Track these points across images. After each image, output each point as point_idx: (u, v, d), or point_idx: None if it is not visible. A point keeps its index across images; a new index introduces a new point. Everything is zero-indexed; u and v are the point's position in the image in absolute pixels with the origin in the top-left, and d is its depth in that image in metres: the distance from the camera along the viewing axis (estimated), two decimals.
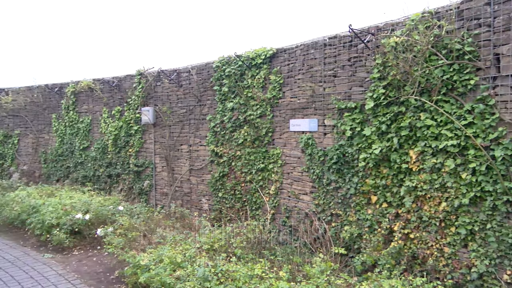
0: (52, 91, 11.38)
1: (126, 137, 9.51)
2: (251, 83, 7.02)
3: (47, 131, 11.58)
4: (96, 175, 10.15)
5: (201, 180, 8.11)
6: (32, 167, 11.88)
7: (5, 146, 12.36)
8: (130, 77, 9.54)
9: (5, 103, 11.96)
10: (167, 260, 4.57)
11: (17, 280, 5.33)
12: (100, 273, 5.65)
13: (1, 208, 8.11)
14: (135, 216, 7.00)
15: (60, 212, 6.96)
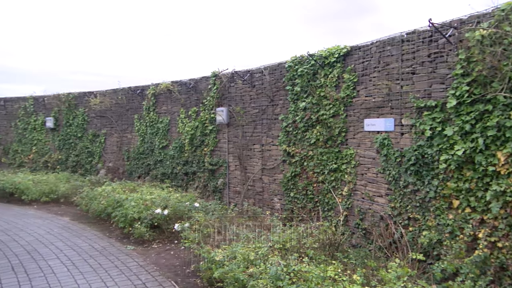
0: (134, 93, 12.13)
1: (201, 137, 9.87)
2: (324, 82, 6.94)
3: (130, 130, 12.37)
4: (174, 173, 10.64)
5: (273, 180, 8.17)
6: (116, 164, 12.76)
7: (94, 145, 13.40)
8: (206, 78, 9.88)
9: (94, 104, 12.97)
10: (240, 257, 4.67)
11: (104, 268, 5.76)
12: (177, 266, 5.92)
13: (90, 201, 8.82)
14: (209, 213, 7.23)
15: (141, 207, 7.40)
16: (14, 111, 15.29)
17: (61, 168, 13.93)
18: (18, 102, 15.25)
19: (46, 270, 5.67)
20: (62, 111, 14.13)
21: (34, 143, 14.78)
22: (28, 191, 10.54)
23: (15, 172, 13.05)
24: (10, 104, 15.44)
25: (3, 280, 5.31)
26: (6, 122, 15.47)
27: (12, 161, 15.17)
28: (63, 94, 14.11)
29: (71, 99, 13.92)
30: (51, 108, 14.40)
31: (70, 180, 11.76)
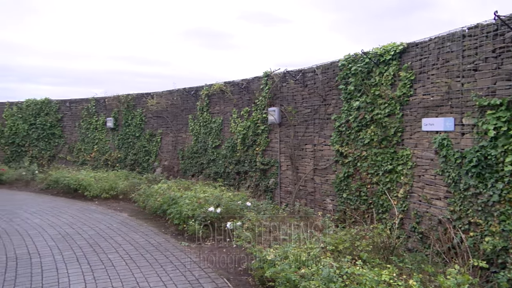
0: (189, 94, 12.46)
1: (253, 136, 9.95)
2: (378, 80, 6.75)
3: (184, 130, 12.72)
4: (226, 172, 10.82)
5: (325, 180, 8.07)
6: (171, 162, 13.17)
7: (150, 144, 13.93)
8: (258, 79, 9.95)
9: (151, 105, 13.48)
10: (292, 257, 4.66)
11: (159, 263, 5.97)
12: (229, 263, 6.00)
13: (147, 198, 9.17)
14: (261, 212, 7.27)
15: (195, 205, 7.59)
16: (78, 112, 16.23)
17: (120, 166, 14.61)
18: (82, 104, 16.18)
19: (107, 263, 5.97)
20: (121, 112, 14.81)
21: (95, 142, 15.62)
22: (90, 188, 11.15)
23: (79, 170, 13.86)
24: (75, 105, 16.42)
25: (70, 270, 5.65)
26: (71, 122, 16.46)
27: (76, 159, 16.13)
28: (123, 96, 14.78)
29: (129, 100, 14.56)
30: (111, 109, 15.14)
31: (129, 177, 12.30)
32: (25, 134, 16.80)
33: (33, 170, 14.99)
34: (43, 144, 16.70)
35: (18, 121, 16.88)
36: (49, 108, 16.70)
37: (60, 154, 16.62)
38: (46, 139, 16.70)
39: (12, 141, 16.97)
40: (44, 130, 16.67)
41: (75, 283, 5.21)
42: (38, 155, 16.73)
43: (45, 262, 6.01)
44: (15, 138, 16.90)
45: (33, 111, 16.79)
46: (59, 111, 16.68)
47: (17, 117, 16.90)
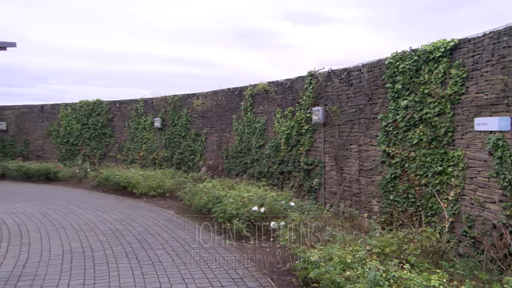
0: (233, 94, 12.60)
1: (297, 136, 9.91)
2: (428, 78, 6.52)
3: (229, 130, 12.87)
4: (270, 172, 10.84)
5: (371, 181, 7.89)
6: (216, 162, 13.37)
7: (196, 143, 14.22)
8: (302, 78, 9.89)
9: (196, 105, 13.76)
10: (336, 259, 4.59)
11: (205, 261, 6.08)
12: (273, 263, 6.01)
13: (193, 197, 9.37)
14: (305, 212, 7.23)
15: (239, 204, 7.66)
16: (127, 112, 16.85)
17: (167, 165, 15.02)
18: (131, 104, 16.78)
19: (154, 259, 6.16)
20: (168, 112, 15.22)
21: (144, 141, 16.15)
22: (138, 185, 11.53)
23: (128, 168, 14.38)
24: (124, 106, 17.05)
25: (119, 264, 5.88)
26: (121, 123, 17.12)
27: (125, 157, 16.75)
28: (169, 96, 15.18)
29: (176, 101, 14.93)
30: (158, 109, 15.59)
31: (175, 176, 12.61)
32: (78, 133, 17.66)
33: (86, 168, 15.73)
34: (94, 143, 17.48)
35: (72, 121, 17.78)
36: (100, 108, 17.45)
37: (111, 153, 17.32)
38: (97, 138, 17.46)
39: (66, 140, 17.90)
40: (95, 130, 17.45)
41: (125, 277, 5.41)
42: (90, 153, 17.53)
43: (97, 256, 6.28)
44: (70, 137, 17.81)
45: (86, 112, 17.61)
46: (109, 111, 17.38)
47: (71, 118, 17.80)
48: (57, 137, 18.06)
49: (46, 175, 15.44)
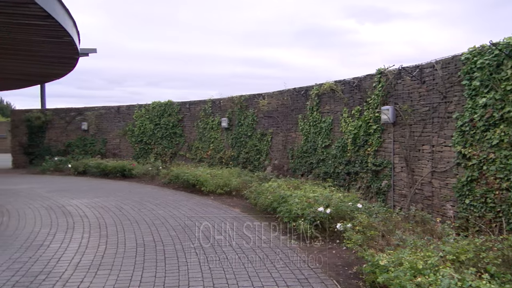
0: (298, 94, 12.55)
1: (365, 136, 9.64)
2: (511, 74, 6.03)
3: (294, 130, 12.84)
4: (336, 172, 10.65)
5: (445, 184, 7.46)
6: (281, 162, 13.40)
7: (261, 143, 14.36)
8: (370, 76, 9.61)
9: (262, 106, 13.89)
10: (407, 264, 4.40)
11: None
12: (339, 266, 5.90)
13: (258, 196, 9.47)
14: (373, 215, 7.01)
15: (305, 204, 7.61)
16: (196, 112, 17.44)
17: (233, 164, 15.32)
18: (199, 105, 17.35)
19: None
20: (235, 112, 15.53)
21: (211, 141, 16.62)
22: (206, 184, 11.89)
23: (196, 166, 14.88)
24: (193, 106, 17.67)
25: (188, 259, 6.10)
26: (190, 123, 17.76)
27: (194, 156, 17.35)
28: (236, 97, 15.48)
29: (242, 101, 15.19)
30: (225, 110, 15.96)
31: (241, 175, 12.83)
32: (151, 133, 18.60)
33: (158, 166, 16.53)
34: (166, 142, 18.31)
35: (145, 122, 18.77)
36: (171, 109, 18.24)
37: (181, 152, 18.04)
38: (168, 138, 18.27)
39: (140, 140, 18.94)
40: (167, 129, 18.27)
41: (193, 271, 5.61)
42: (161, 152, 18.39)
43: (167, 250, 6.57)
44: (143, 136, 18.83)
45: (158, 112, 18.50)
46: (180, 112, 18.11)
47: (144, 118, 18.80)
48: (132, 136, 19.17)
49: (121, 172, 16.45)
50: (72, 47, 8.25)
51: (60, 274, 5.55)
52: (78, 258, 6.24)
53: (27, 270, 5.72)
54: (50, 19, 6.17)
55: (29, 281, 5.31)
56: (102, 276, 5.44)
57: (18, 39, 7.61)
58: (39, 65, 10.66)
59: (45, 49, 8.63)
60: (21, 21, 6.41)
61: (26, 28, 6.90)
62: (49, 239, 7.37)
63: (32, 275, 5.50)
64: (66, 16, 6.88)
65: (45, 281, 5.29)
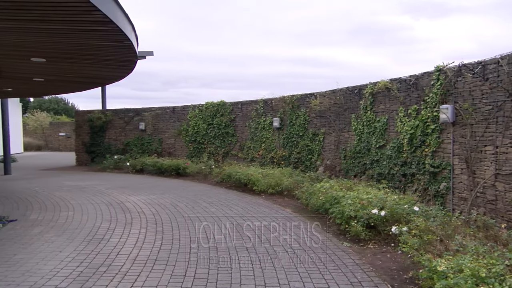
0: (352, 93, 12.30)
1: (422, 136, 9.27)
2: None
3: (347, 130, 12.60)
4: (391, 174, 10.33)
5: (510, 188, 7.01)
6: (333, 162, 13.21)
7: (313, 143, 14.23)
8: (428, 74, 9.22)
9: (314, 105, 13.76)
10: (468, 271, 4.18)
11: (322, 261, 6.05)
12: (394, 270, 5.72)
13: (310, 196, 9.40)
14: (430, 218, 6.72)
15: (358, 206, 7.45)
16: (248, 112, 17.60)
17: (285, 164, 15.31)
18: (251, 105, 17.49)
19: (272, 255, 6.33)
20: (286, 112, 15.51)
21: (263, 140, 16.70)
22: (258, 183, 11.96)
23: (248, 166, 15.02)
24: (245, 106, 17.85)
25: (240, 257, 6.18)
26: (242, 122, 17.95)
27: (245, 156, 17.53)
28: (288, 97, 15.46)
29: (294, 101, 15.13)
30: (277, 110, 15.98)
31: (292, 175, 12.79)
32: (204, 133, 19.03)
33: (210, 165, 16.87)
34: (218, 142, 18.65)
35: (199, 122, 19.23)
36: (224, 109, 18.55)
37: (233, 151, 18.30)
38: (221, 137, 18.60)
39: (194, 139, 19.43)
40: (219, 129, 18.60)
41: (245, 269, 5.67)
42: (214, 151, 18.75)
43: (220, 248, 6.69)
44: (197, 136, 19.30)
45: (211, 113, 18.89)
46: (232, 112, 18.37)
47: (198, 118, 19.27)
48: (186, 136, 19.71)
49: (176, 171, 16.97)
50: (131, 50, 8.61)
51: (119, 267, 5.83)
52: (136, 252, 6.51)
53: (89, 262, 6.06)
54: (112, 25, 6.48)
55: (92, 272, 5.62)
56: (158, 271, 5.64)
57: (83, 44, 8.06)
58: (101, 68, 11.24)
59: (107, 53, 9.07)
60: (85, 27, 6.78)
61: (89, 34, 7.29)
62: (109, 233, 7.76)
63: (94, 267, 5.82)
64: (126, 21, 7.19)
65: (106, 273, 5.57)
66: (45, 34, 7.32)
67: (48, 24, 6.60)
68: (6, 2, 5.49)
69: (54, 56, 9.31)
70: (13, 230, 8.10)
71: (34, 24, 6.64)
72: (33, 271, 5.69)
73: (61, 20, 6.39)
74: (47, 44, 8.16)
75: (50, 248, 6.78)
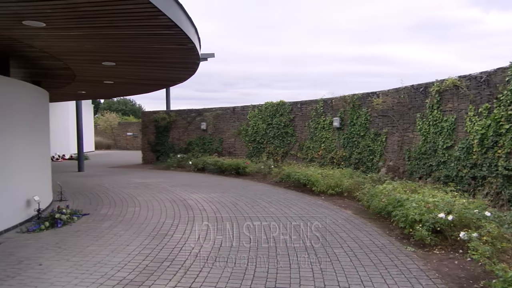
0: (417, 91, 11.79)
1: (494, 137, 8.68)
2: None
3: (411, 129, 12.10)
4: (459, 176, 9.78)
5: None
6: (396, 163, 12.74)
7: (375, 143, 13.82)
8: (502, 70, 8.61)
9: (376, 104, 13.36)
10: None
11: (384, 265, 5.87)
12: (462, 278, 5.41)
13: (371, 198, 9.14)
14: (504, 225, 6.27)
15: (423, 209, 7.12)
16: (307, 112, 17.47)
17: (345, 164, 15.02)
18: (311, 105, 17.35)
19: (332, 257, 6.24)
20: (347, 112, 15.20)
21: (322, 140, 16.50)
22: (317, 184, 11.84)
23: (307, 166, 14.91)
24: (305, 106, 17.74)
25: (299, 258, 6.16)
26: (302, 122, 17.86)
27: (304, 156, 17.42)
28: (348, 96, 15.15)
29: (355, 100, 14.80)
30: (337, 109, 15.71)
31: (353, 176, 12.50)
32: (263, 132, 19.16)
33: (269, 165, 16.95)
34: (277, 142, 18.69)
35: (258, 121, 19.40)
36: (283, 109, 18.56)
37: (292, 151, 18.26)
38: (280, 137, 18.63)
39: (253, 139, 19.64)
40: (278, 129, 18.64)
41: (304, 270, 5.64)
42: (273, 151, 18.82)
43: (279, 248, 6.70)
44: (256, 136, 19.49)
45: (270, 113, 18.98)
46: (291, 112, 18.34)
47: (258, 118, 19.44)
48: (246, 135, 19.97)
49: (236, 170, 17.24)
50: (194, 53, 8.88)
51: (182, 262, 6.04)
52: (198, 249, 6.71)
53: (154, 256, 6.34)
54: (176, 28, 6.72)
55: (156, 266, 5.87)
56: (219, 268, 5.77)
57: (148, 48, 8.44)
58: (165, 70, 11.70)
59: (171, 55, 9.43)
60: (151, 31, 7.10)
61: (155, 38, 7.61)
62: (173, 229, 8.06)
63: (159, 261, 6.08)
64: (189, 24, 7.43)
65: (169, 268, 5.80)
66: (115, 39, 7.77)
67: (117, 29, 6.99)
68: (81, 12, 5.89)
69: (123, 59, 9.84)
70: (86, 223, 8.67)
71: (105, 30, 7.06)
72: (104, 262, 6.05)
73: (129, 26, 6.74)
74: (117, 49, 8.65)
75: (118, 242, 7.18)
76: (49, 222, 8.24)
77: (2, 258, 6.32)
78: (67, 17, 6.22)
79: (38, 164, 9.95)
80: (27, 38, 7.58)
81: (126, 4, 5.58)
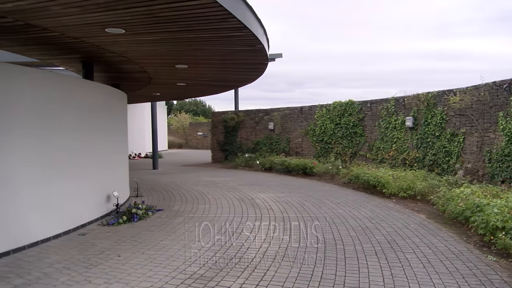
0: (500, 88, 10.94)
1: None
2: None
3: (493, 129, 11.26)
4: None
5: None
6: (475, 165, 11.92)
7: (451, 144, 13.03)
8: None
9: (453, 103, 12.59)
10: None
11: (461, 274, 5.51)
12: None
13: (447, 202, 8.64)
14: None
15: (506, 216, 6.60)
16: (378, 112, 16.92)
17: (418, 166, 14.33)
18: (381, 104, 16.77)
19: (404, 262, 5.99)
20: (420, 111, 14.49)
21: (394, 141, 15.88)
22: (388, 186, 11.42)
23: (377, 167, 14.44)
24: (375, 105, 17.19)
25: (369, 262, 5.99)
26: (371, 122, 17.33)
27: (374, 156, 16.88)
28: (422, 94, 14.43)
29: (430, 99, 14.06)
30: (410, 108, 15.03)
31: (427, 178, 11.89)
32: (331, 132, 18.88)
33: (337, 165, 16.66)
34: (346, 142, 18.31)
35: (326, 121, 19.15)
36: (352, 109, 18.15)
37: (361, 152, 17.79)
38: (348, 137, 18.23)
39: (321, 139, 19.42)
40: (347, 129, 18.26)
41: (374, 275, 5.47)
42: (341, 151, 18.47)
43: (347, 250, 6.57)
44: (324, 136, 19.25)
45: (338, 112, 18.64)
46: (360, 111, 17.87)
47: (325, 118, 19.19)
48: (313, 135, 19.80)
49: (303, 170, 17.16)
50: (263, 53, 8.98)
51: (250, 260, 6.13)
52: (265, 247, 6.78)
53: (223, 252, 6.50)
54: (245, 30, 6.84)
55: (225, 263, 6.02)
56: (286, 267, 5.79)
57: (219, 50, 8.67)
58: (234, 71, 11.96)
59: (240, 57, 9.61)
60: (221, 34, 7.28)
61: (225, 40, 7.81)
62: (241, 227, 8.22)
63: (227, 258, 6.23)
64: (258, 25, 7.53)
65: (238, 265, 5.91)
66: (188, 43, 8.08)
67: (190, 33, 7.27)
68: (158, 17, 6.20)
69: (194, 62, 10.22)
70: (160, 218, 9.12)
71: (179, 34, 7.38)
72: (176, 256, 6.33)
73: (201, 29, 6.98)
74: (189, 52, 9.00)
75: (189, 237, 7.47)
76: (126, 217, 8.78)
77: (87, 248, 6.86)
78: (144, 23, 6.59)
79: (118, 161, 10.65)
80: (108, 44, 8.14)
81: (199, 8, 5.78)
